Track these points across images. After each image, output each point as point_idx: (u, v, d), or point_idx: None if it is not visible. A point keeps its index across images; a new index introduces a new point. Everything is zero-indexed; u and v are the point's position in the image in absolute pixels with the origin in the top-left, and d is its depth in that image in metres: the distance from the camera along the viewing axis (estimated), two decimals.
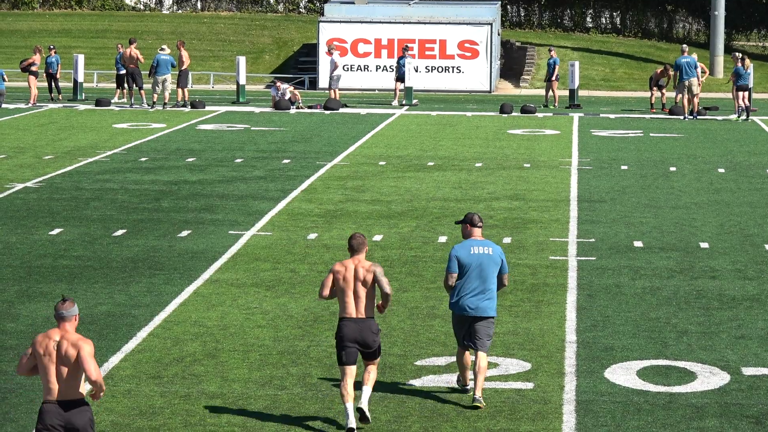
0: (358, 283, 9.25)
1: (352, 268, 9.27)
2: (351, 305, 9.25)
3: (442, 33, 36.64)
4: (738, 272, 14.28)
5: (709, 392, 10.04)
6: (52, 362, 7.42)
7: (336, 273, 9.28)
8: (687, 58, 30.47)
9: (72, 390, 7.41)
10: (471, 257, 9.54)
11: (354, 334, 9.20)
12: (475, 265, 9.53)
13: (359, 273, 9.25)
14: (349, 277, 9.25)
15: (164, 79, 31.27)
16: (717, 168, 22.60)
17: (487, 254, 9.58)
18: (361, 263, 9.28)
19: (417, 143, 25.48)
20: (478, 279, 9.54)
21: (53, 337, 7.48)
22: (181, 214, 17.51)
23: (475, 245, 9.60)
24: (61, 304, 7.52)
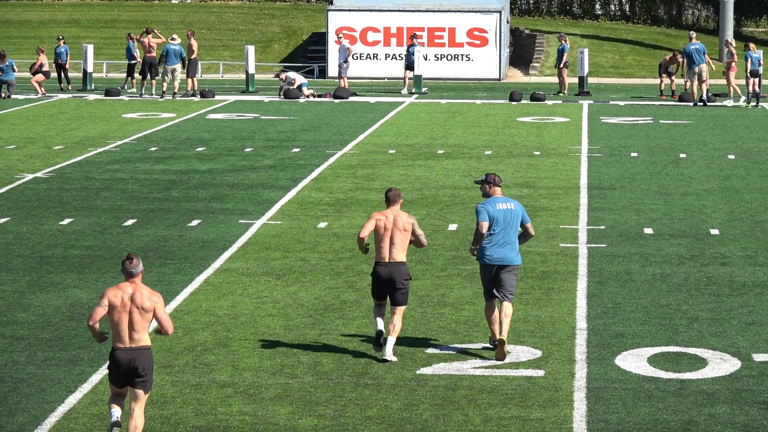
0: (396, 231, 10.42)
1: (391, 217, 10.46)
2: (386, 250, 10.45)
3: (451, 21, 36.56)
4: (748, 258, 14.26)
5: (720, 379, 10.04)
6: (126, 313, 8.39)
7: (377, 220, 10.44)
8: (695, 45, 30.37)
9: (140, 337, 8.41)
10: (497, 212, 10.64)
11: (386, 275, 10.41)
12: (500, 220, 10.62)
13: (398, 222, 10.44)
14: (388, 225, 10.42)
15: (173, 69, 31.30)
16: (727, 154, 22.54)
17: (510, 209, 10.68)
18: (399, 214, 10.46)
19: (426, 131, 25.46)
20: (503, 232, 10.63)
21: (126, 290, 8.44)
22: (191, 204, 17.54)
23: (499, 202, 10.69)
24: (128, 263, 8.45)
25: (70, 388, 9.79)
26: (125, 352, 8.42)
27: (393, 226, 10.47)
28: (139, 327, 8.41)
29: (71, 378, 9.99)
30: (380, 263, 10.51)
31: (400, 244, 10.48)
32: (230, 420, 9.16)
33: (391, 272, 10.47)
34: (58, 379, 9.95)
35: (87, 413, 9.28)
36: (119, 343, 8.44)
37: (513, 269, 10.67)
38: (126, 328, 8.42)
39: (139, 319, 8.43)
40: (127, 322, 8.42)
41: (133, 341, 8.43)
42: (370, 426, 9.04)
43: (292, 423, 9.09)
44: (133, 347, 8.42)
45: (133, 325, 8.42)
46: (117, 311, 8.42)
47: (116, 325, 8.43)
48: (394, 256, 10.49)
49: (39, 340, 11.03)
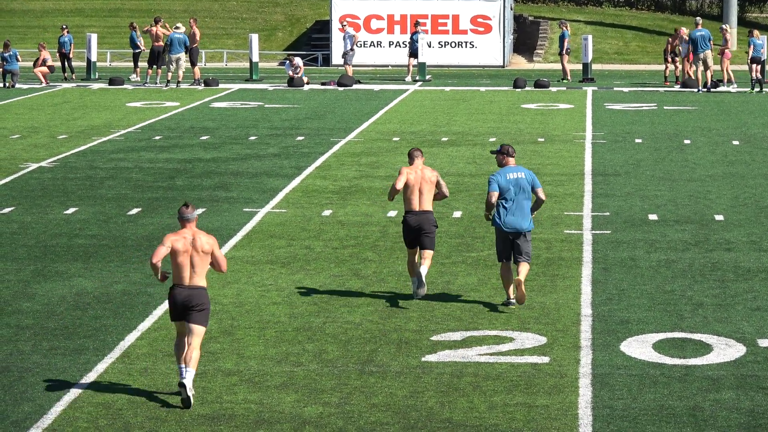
0: (423, 183, 11.79)
1: (418, 171, 11.82)
2: (415, 201, 11.80)
3: (455, 8, 36.47)
4: (753, 244, 14.24)
5: (725, 364, 10.03)
6: (187, 255, 9.28)
7: (408, 173, 11.80)
8: (702, 31, 30.27)
9: (198, 277, 9.32)
10: (509, 182, 11.49)
11: (415, 223, 11.74)
12: (512, 188, 11.46)
13: (425, 175, 11.80)
14: (416, 179, 11.78)
15: (177, 58, 31.28)
16: (731, 140, 22.49)
17: (521, 178, 11.53)
18: (424, 168, 11.84)
19: (431, 119, 25.42)
20: (515, 200, 11.48)
21: (186, 236, 9.32)
22: (195, 192, 17.54)
23: (510, 171, 11.54)
24: (185, 209, 9.36)
25: (75, 377, 9.80)
26: (183, 290, 9.29)
27: (421, 179, 11.77)
28: (199, 269, 9.30)
29: (76, 367, 10.00)
30: (410, 212, 11.80)
31: (427, 194, 11.79)
32: (236, 408, 9.17)
33: (420, 220, 11.75)
34: (63, 369, 9.96)
35: (92, 402, 9.29)
36: (179, 283, 9.32)
37: (526, 235, 11.53)
38: (187, 269, 9.29)
39: (199, 261, 9.29)
40: (189, 265, 9.29)
41: (192, 281, 9.30)
42: (375, 413, 9.05)
43: (297, 411, 9.10)
44: (190, 286, 9.29)
45: (193, 267, 9.30)
46: (179, 254, 9.27)
47: (178, 266, 9.29)
48: (423, 205, 11.79)
49: (44, 329, 11.04)
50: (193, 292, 9.28)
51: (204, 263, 9.31)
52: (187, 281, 9.31)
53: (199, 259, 9.29)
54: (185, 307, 9.27)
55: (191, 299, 9.26)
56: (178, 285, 9.33)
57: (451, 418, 8.98)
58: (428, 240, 11.77)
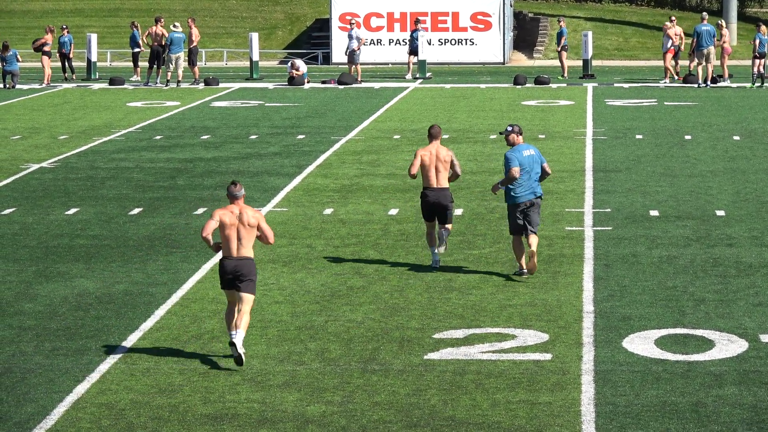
0: (439, 163, 12.75)
1: (434, 150, 12.76)
2: (432, 178, 12.81)
3: (455, 5, 36.47)
4: (755, 239, 14.23)
5: (728, 360, 10.02)
6: (234, 228, 10.04)
7: (422, 156, 12.78)
8: (707, 26, 30.26)
9: (245, 249, 10.07)
10: (524, 159, 12.53)
11: (434, 199, 12.85)
12: (526, 164, 12.54)
13: (440, 154, 12.77)
14: (432, 158, 12.77)
15: (177, 57, 31.29)
16: (732, 135, 22.49)
17: (532, 155, 12.62)
18: (440, 147, 12.79)
19: (431, 116, 25.42)
20: (527, 175, 12.58)
21: (233, 211, 10.09)
22: (196, 192, 17.54)
23: (524, 149, 12.59)
24: (233, 187, 10.11)
25: (77, 377, 9.80)
26: (232, 261, 10.06)
27: (435, 158, 12.78)
28: (246, 241, 10.05)
29: (79, 368, 10.00)
30: (428, 189, 12.88)
31: (443, 172, 12.82)
32: (238, 407, 9.17)
33: (438, 196, 12.86)
34: (65, 369, 9.96)
35: (95, 403, 9.29)
36: (227, 255, 10.10)
37: (537, 205, 12.63)
38: (235, 242, 10.06)
39: (245, 234, 10.05)
40: (236, 237, 10.06)
41: (239, 252, 10.05)
42: (378, 412, 9.05)
43: (300, 410, 9.10)
44: (238, 257, 10.04)
45: (240, 239, 10.06)
46: (227, 228, 10.06)
47: (226, 239, 10.08)
48: (440, 182, 12.86)
49: (46, 330, 11.04)
50: (241, 263, 10.02)
51: (250, 236, 10.05)
52: (235, 253, 10.06)
53: (245, 232, 10.04)
54: (234, 277, 10.01)
55: (239, 269, 10.00)
56: (226, 257, 10.08)
57: (453, 415, 8.98)
58: (447, 215, 12.90)
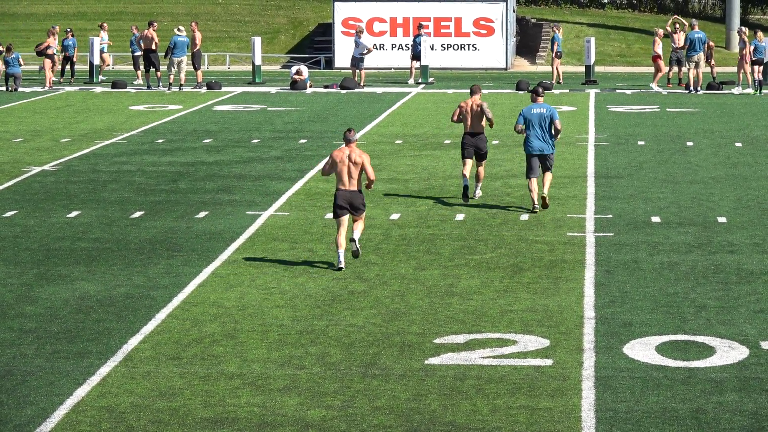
0: (475, 112, 16.46)
1: (470, 102, 16.46)
2: (470, 124, 16.42)
3: (458, 10, 36.50)
4: (756, 246, 14.23)
5: (729, 367, 10.02)
6: (345, 166, 13.03)
7: (462, 107, 16.47)
8: (699, 33, 30.34)
9: (354, 183, 13.04)
10: (533, 114, 15.65)
11: (472, 141, 16.49)
12: (536, 119, 15.60)
13: (475, 105, 16.43)
14: (467, 107, 16.42)
15: (180, 61, 31.33)
16: (734, 142, 22.50)
17: (542, 112, 15.58)
18: (476, 100, 16.40)
19: (433, 121, 25.44)
20: (540, 128, 15.60)
21: (345, 152, 13.06)
22: (198, 196, 17.55)
23: (535, 107, 15.68)
24: (348, 133, 13.04)
25: (78, 380, 9.80)
26: (344, 192, 13.09)
27: (472, 108, 16.40)
28: (354, 175, 13.03)
29: (79, 371, 10.00)
30: (467, 133, 16.42)
31: (477, 118, 16.39)
32: (239, 411, 9.17)
33: (476, 140, 16.45)
34: (66, 372, 9.97)
35: (95, 406, 9.29)
36: (341, 186, 13.08)
37: (551, 155, 15.62)
38: (346, 176, 13.03)
39: (353, 170, 13.01)
40: (346, 172, 13.03)
41: (350, 185, 13.06)
42: (378, 416, 9.05)
43: (300, 414, 9.10)
44: (349, 189, 13.07)
45: (350, 174, 13.04)
46: (339, 165, 13.04)
47: (339, 173, 13.07)
48: (476, 128, 16.39)
49: (47, 332, 11.05)
50: (352, 194, 13.08)
51: (356, 171, 13.01)
52: (347, 185, 13.06)
53: (353, 169, 12.99)
54: (350, 206, 13.06)
55: (351, 199, 13.07)
56: (340, 189, 13.06)
57: (454, 421, 8.98)
58: (483, 154, 16.56)
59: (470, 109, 16.35)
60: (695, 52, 30.00)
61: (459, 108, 16.48)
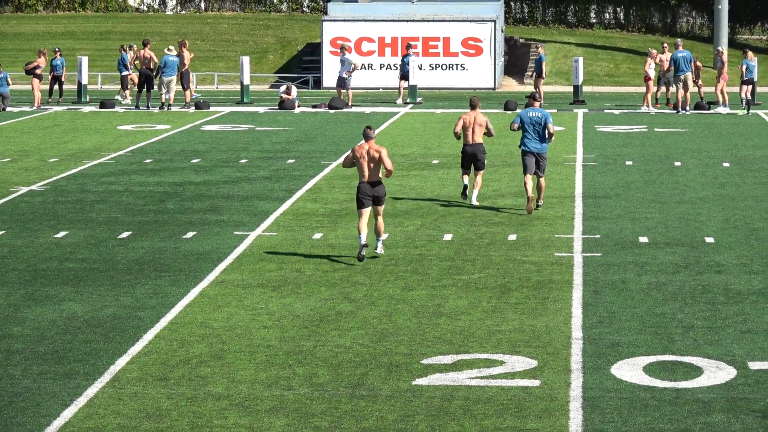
0: (476, 125, 17.73)
1: (473, 116, 17.74)
2: (470, 136, 17.75)
3: (446, 30, 36.65)
4: (744, 266, 14.28)
5: (716, 387, 10.05)
6: (365, 160, 14.20)
7: (464, 120, 17.74)
8: (683, 53, 30.50)
9: (375, 175, 14.22)
10: (528, 117, 17.03)
11: (471, 152, 17.76)
12: (531, 122, 16.98)
13: (477, 119, 17.74)
14: (470, 121, 17.72)
15: (170, 80, 31.38)
16: (722, 162, 22.60)
17: (537, 116, 16.96)
18: (477, 114, 17.73)
19: (421, 141, 25.50)
20: (534, 131, 16.95)
21: (365, 146, 14.22)
22: (186, 216, 17.55)
23: (531, 111, 17.08)
24: (368, 130, 14.25)
25: (65, 401, 9.77)
26: (366, 184, 14.25)
27: (474, 121, 17.69)
28: (375, 169, 14.18)
29: (66, 391, 9.98)
30: (466, 144, 17.70)
31: (478, 131, 17.69)
32: None
33: (474, 149, 17.70)
34: (53, 393, 9.94)
35: (82, 427, 9.26)
36: (362, 178, 14.26)
37: (543, 156, 17.01)
38: (367, 169, 14.21)
39: (373, 163, 14.15)
40: (367, 166, 14.20)
41: (371, 177, 14.22)
42: None
43: None
44: (370, 181, 14.23)
45: (370, 167, 14.18)
46: (360, 159, 14.22)
47: (360, 167, 14.23)
48: (475, 139, 17.71)
49: (34, 353, 11.02)
50: (374, 185, 14.24)
51: (377, 165, 14.14)
52: (367, 178, 14.20)
53: (373, 162, 14.15)
54: (372, 196, 14.17)
55: (373, 190, 14.22)
56: (362, 181, 14.23)
57: None
58: (480, 164, 17.77)
59: (472, 121, 17.65)
60: (682, 71, 30.17)
61: (461, 120, 17.70)
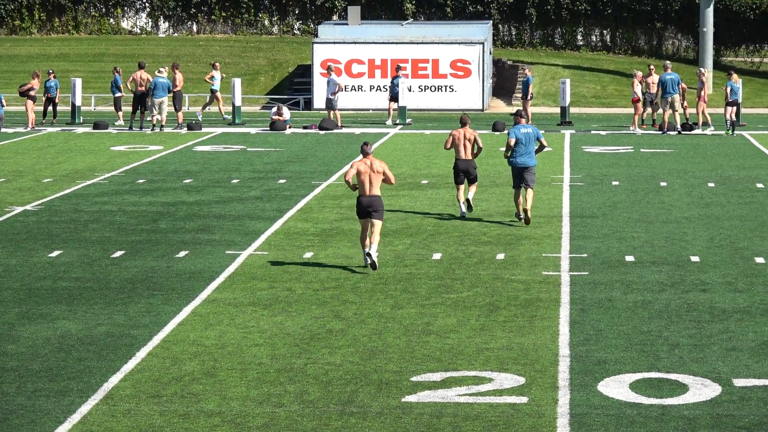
0: (466, 141, 18.47)
1: (463, 132, 18.51)
2: (462, 152, 18.48)
3: (435, 52, 36.91)
4: (728, 285, 14.43)
5: (701, 404, 10.13)
6: (367, 175, 14.79)
7: (455, 136, 18.53)
8: (671, 75, 30.77)
9: (374, 189, 14.77)
10: (521, 134, 17.89)
11: (463, 167, 18.52)
12: (523, 138, 17.86)
13: (468, 135, 18.52)
14: (461, 137, 18.50)
15: (161, 102, 31.53)
16: (707, 182, 22.78)
17: (529, 132, 17.93)
18: (468, 130, 18.55)
19: (411, 162, 25.67)
20: (524, 146, 17.86)
21: (367, 162, 14.82)
22: (178, 235, 17.67)
23: (522, 128, 17.97)
24: (366, 146, 14.87)
25: (59, 418, 9.84)
26: (366, 197, 14.74)
27: (464, 137, 18.48)
28: (375, 183, 14.77)
29: (60, 408, 10.05)
30: (459, 159, 18.54)
31: (469, 147, 18.52)
32: None
33: (466, 165, 18.56)
34: (47, 410, 10.01)
35: None
36: (363, 193, 14.76)
37: (532, 169, 17.88)
38: (367, 184, 14.76)
39: (374, 178, 14.76)
40: (368, 181, 14.72)
41: (371, 192, 14.72)
42: None
43: None
44: (370, 195, 14.73)
45: (371, 181, 14.76)
46: (362, 174, 14.78)
47: (361, 182, 14.80)
48: (467, 155, 18.51)
49: (28, 371, 11.10)
50: (373, 199, 14.73)
51: (378, 179, 14.74)
52: (368, 192, 14.72)
53: (374, 177, 14.73)
54: (370, 209, 14.66)
55: (372, 204, 14.72)
56: (361, 195, 14.73)
57: None
58: (473, 177, 18.57)
59: (462, 137, 18.40)
60: (669, 93, 30.44)
61: (452, 137, 18.48)
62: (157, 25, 45.76)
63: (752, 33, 43.83)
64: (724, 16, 42.52)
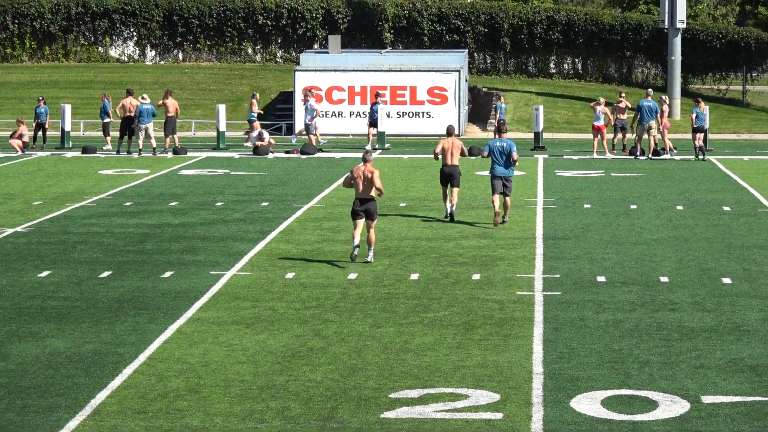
0: (453, 148, 20.58)
1: (450, 141, 20.61)
2: (448, 158, 20.56)
3: (413, 80, 37.38)
4: (696, 305, 14.64)
5: (671, 420, 10.23)
6: (361, 180, 16.66)
7: (443, 144, 20.56)
8: (649, 102, 31.26)
9: (367, 192, 16.67)
10: (496, 147, 20.14)
11: (448, 171, 20.58)
12: (498, 151, 20.06)
13: (454, 144, 20.61)
14: (448, 145, 20.56)
15: (146, 127, 31.85)
16: (676, 205, 23.02)
17: (503, 145, 20.08)
18: (454, 139, 20.62)
19: (389, 185, 25.96)
20: (501, 158, 20.02)
21: (361, 167, 16.69)
22: (164, 256, 17.88)
23: (498, 141, 20.26)
24: (367, 154, 16.76)
25: None
26: (361, 200, 16.64)
27: (451, 146, 20.55)
28: (368, 187, 16.67)
29: (49, 424, 10.14)
30: (445, 165, 20.59)
31: (456, 154, 20.56)
32: None
33: (451, 170, 20.57)
34: (36, 426, 10.10)
35: None
36: (358, 196, 16.69)
37: (509, 179, 20.04)
38: (361, 187, 16.66)
39: (367, 182, 16.64)
40: (362, 184, 16.66)
41: (365, 194, 16.68)
42: None
43: None
44: (362, 197, 16.69)
45: (365, 185, 16.66)
46: (357, 179, 16.70)
47: (357, 186, 16.69)
48: (453, 161, 20.56)
49: (18, 388, 11.21)
50: (366, 201, 16.65)
51: (370, 185, 16.61)
52: (360, 194, 16.58)
53: (368, 182, 16.58)
54: (365, 211, 16.64)
55: (366, 206, 16.64)
56: (357, 198, 16.62)
57: None
58: (456, 183, 20.53)
59: (450, 145, 20.49)
60: (645, 120, 30.95)
61: (440, 144, 20.62)
62: (144, 53, 46.05)
63: (719, 61, 44.52)
64: (691, 45, 43.21)
